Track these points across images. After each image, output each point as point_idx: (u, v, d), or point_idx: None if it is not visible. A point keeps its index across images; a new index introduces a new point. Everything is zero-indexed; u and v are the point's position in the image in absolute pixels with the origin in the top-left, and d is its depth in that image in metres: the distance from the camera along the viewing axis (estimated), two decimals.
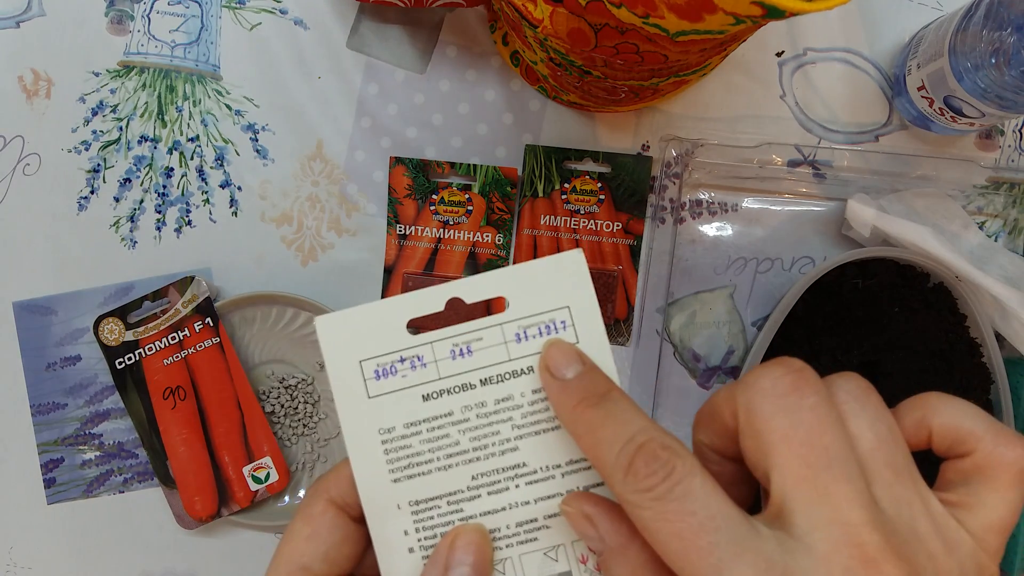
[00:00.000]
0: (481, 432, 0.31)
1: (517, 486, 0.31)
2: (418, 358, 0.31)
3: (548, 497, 0.31)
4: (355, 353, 0.31)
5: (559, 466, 0.31)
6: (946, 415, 0.28)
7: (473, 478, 0.31)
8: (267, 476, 0.60)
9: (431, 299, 0.31)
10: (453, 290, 0.31)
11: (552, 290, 0.31)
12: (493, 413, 0.31)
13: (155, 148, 0.62)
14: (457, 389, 0.31)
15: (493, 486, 0.31)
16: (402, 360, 0.31)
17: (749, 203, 0.61)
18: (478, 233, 0.61)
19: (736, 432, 0.27)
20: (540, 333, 0.31)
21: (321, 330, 0.31)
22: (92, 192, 0.62)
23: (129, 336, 0.59)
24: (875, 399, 0.27)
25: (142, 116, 0.62)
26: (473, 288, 0.31)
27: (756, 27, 0.40)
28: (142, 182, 0.62)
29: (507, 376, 0.31)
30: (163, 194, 0.62)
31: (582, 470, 0.31)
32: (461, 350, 0.31)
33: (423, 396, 0.31)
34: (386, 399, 0.31)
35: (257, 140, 0.62)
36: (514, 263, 0.61)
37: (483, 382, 0.31)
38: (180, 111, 0.62)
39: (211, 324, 0.60)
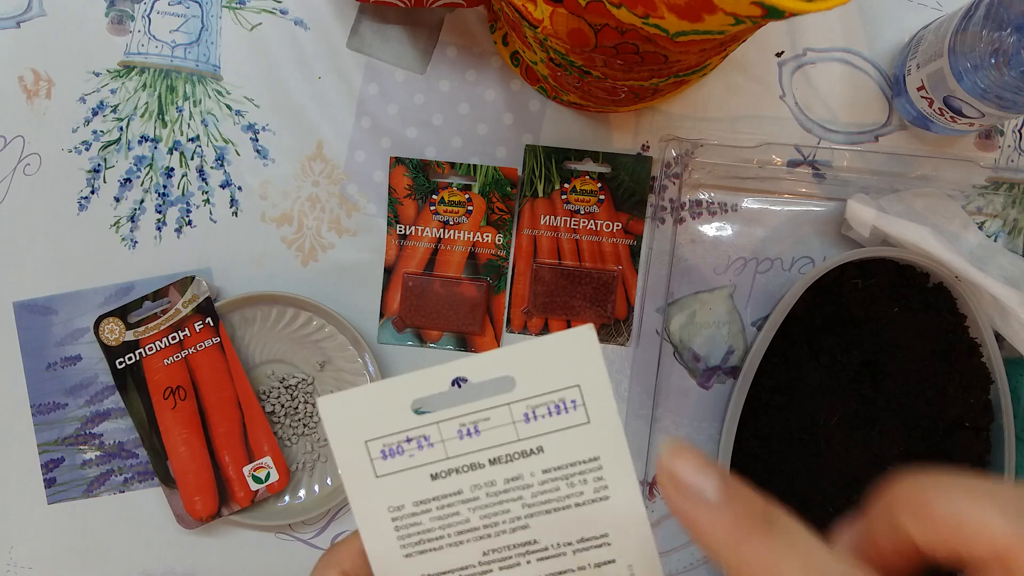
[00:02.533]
0: (491, 510, 0.31)
1: (528, 562, 0.31)
2: (425, 438, 0.31)
3: (560, 573, 0.31)
4: (360, 433, 0.31)
5: (570, 543, 0.31)
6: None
7: (484, 554, 0.31)
8: (267, 476, 0.60)
9: (436, 379, 0.31)
10: (458, 369, 0.31)
11: (561, 368, 0.30)
12: (503, 492, 0.31)
13: (155, 148, 0.62)
14: (466, 468, 0.31)
15: (504, 562, 0.32)
16: (408, 440, 0.31)
17: (749, 203, 0.61)
18: (478, 233, 0.61)
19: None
20: (549, 413, 0.31)
21: (324, 411, 0.31)
22: (92, 192, 0.62)
23: (129, 336, 0.59)
24: None
25: (142, 116, 0.62)
26: (479, 367, 0.31)
27: (756, 27, 0.41)
28: (142, 182, 0.62)
29: (516, 456, 0.31)
30: (163, 194, 0.62)
31: (593, 548, 0.31)
32: (468, 430, 0.31)
33: (431, 475, 0.31)
34: (394, 478, 0.31)
35: (257, 140, 0.62)
36: (514, 263, 0.61)
37: (492, 462, 0.31)
38: (180, 111, 0.62)
39: (211, 324, 0.60)
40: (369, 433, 0.31)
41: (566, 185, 0.61)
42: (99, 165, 0.62)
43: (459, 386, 0.31)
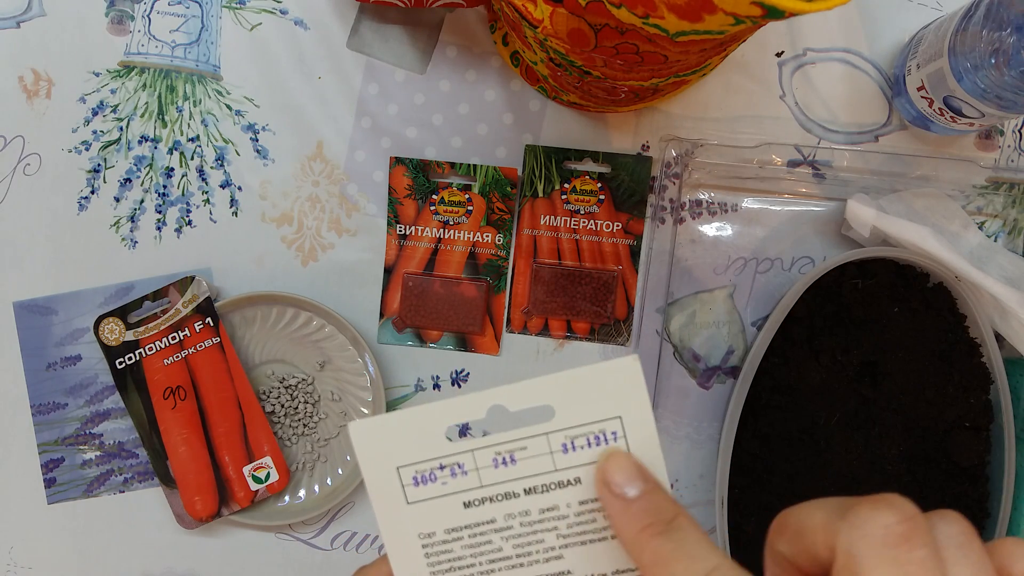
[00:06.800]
0: (525, 540, 0.31)
1: None
2: (459, 466, 0.30)
3: None
4: (392, 459, 0.31)
5: (604, 575, 0.31)
6: None
7: None
8: (267, 476, 0.60)
9: (472, 406, 0.30)
10: (496, 397, 0.30)
11: (603, 399, 0.30)
12: (537, 522, 0.31)
13: (155, 148, 0.62)
14: (500, 497, 0.31)
15: None
16: (442, 467, 0.30)
17: (749, 203, 0.61)
18: (478, 233, 0.61)
19: (827, 562, 0.26)
20: (588, 444, 0.30)
21: (356, 435, 0.30)
22: (92, 192, 0.62)
23: (129, 336, 0.59)
24: (977, 546, 0.26)
25: (142, 116, 0.62)
26: (518, 395, 0.30)
27: (756, 27, 0.40)
28: (142, 182, 0.62)
29: (552, 486, 0.30)
30: (163, 194, 0.62)
31: None
32: (504, 459, 0.30)
33: (464, 503, 0.31)
34: (426, 505, 0.31)
35: (257, 140, 0.62)
36: (514, 263, 0.61)
37: (527, 491, 0.31)
38: (180, 111, 0.62)
39: (211, 324, 0.60)
40: (401, 459, 0.31)
41: (566, 185, 0.61)
42: (99, 165, 0.62)
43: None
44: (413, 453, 0.31)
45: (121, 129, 0.62)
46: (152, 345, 0.60)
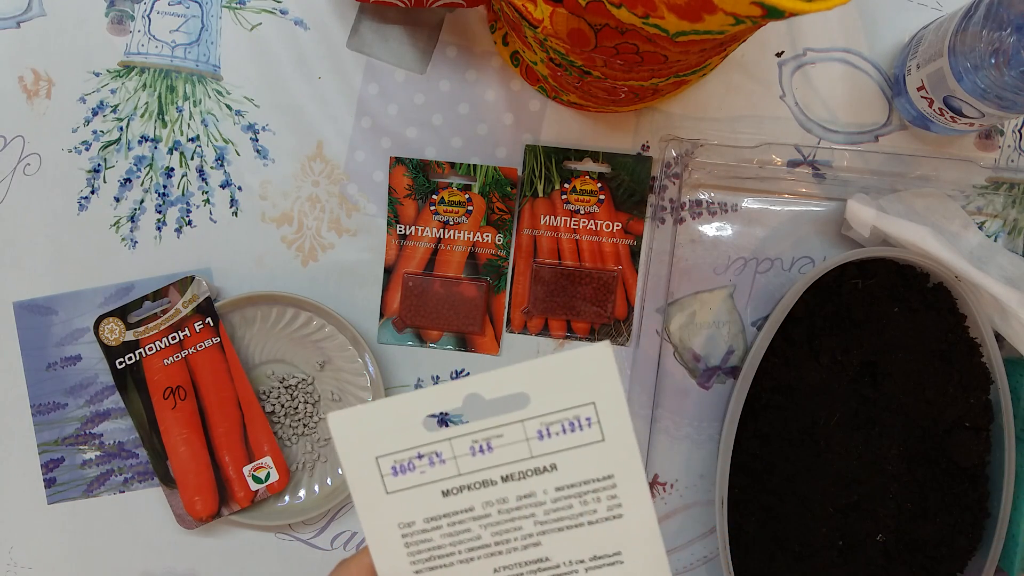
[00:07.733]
0: (503, 527, 0.31)
1: None
2: (437, 454, 0.31)
3: None
4: (371, 449, 0.31)
5: (582, 561, 0.31)
6: None
7: (495, 571, 0.31)
8: (267, 476, 0.60)
9: (449, 395, 0.31)
10: (472, 386, 0.30)
11: (577, 385, 0.30)
12: (515, 509, 0.31)
13: (155, 148, 0.62)
14: (478, 485, 0.31)
15: None
16: (420, 456, 0.31)
17: (749, 203, 0.61)
18: (478, 233, 0.61)
19: None
20: (564, 430, 0.30)
21: (335, 426, 0.31)
22: (92, 192, 0.62)
23: (129, 336, 0.59)
24: None
25: (142, 116, 0.62)
26: (493, 384, 0.30)
27: (756, 27, 0.40)
28: (142, 182, 0.62)
29: (529, 473, 0.31)
30: (163, 194, 0.62)
31: (606, 566, 0.31)
32: (481, 447, 0.31)
33: (443, 492, 0.31)
34: (405, 495, 0.31)
35: (257, 140, 0.62)
36: (514, 263, 0.61)
37: (504, 479, 0.31)
38: (180, 111, 0.62)
39: (211, 324, 0.60)
40: (380, 449, 0.31)
41: (566, 185, 0.61)
42: (99, 165, 0.62)
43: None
44: (392, 443, 0.31)
45: (121, 129, 0.62)
46: (152, 345, 0.60)
